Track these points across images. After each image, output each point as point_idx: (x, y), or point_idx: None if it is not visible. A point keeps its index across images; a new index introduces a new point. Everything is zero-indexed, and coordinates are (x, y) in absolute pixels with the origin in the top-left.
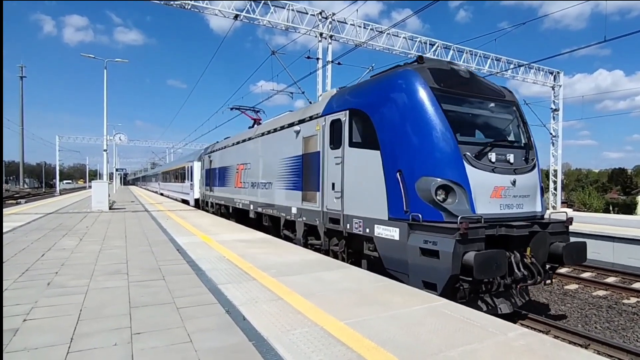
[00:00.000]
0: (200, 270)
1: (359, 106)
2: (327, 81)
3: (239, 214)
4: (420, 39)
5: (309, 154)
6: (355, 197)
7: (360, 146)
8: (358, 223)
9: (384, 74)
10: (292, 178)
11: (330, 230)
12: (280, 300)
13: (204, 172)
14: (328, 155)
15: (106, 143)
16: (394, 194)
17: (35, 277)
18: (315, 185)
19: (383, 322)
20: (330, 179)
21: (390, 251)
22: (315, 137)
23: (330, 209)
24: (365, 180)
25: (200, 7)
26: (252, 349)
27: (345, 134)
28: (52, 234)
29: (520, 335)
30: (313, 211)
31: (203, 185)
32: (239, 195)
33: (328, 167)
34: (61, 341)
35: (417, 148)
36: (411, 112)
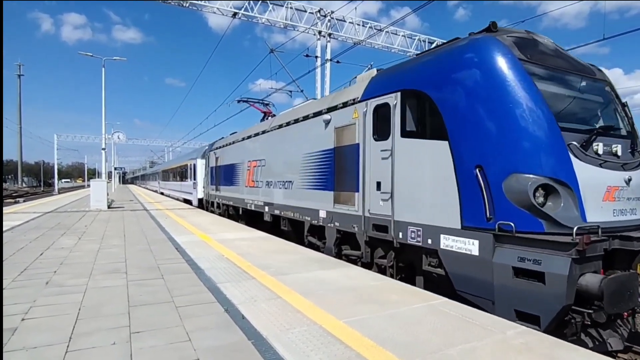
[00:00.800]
0: (199, 269)
1: (417, 86)
2: (326, 79)
3: (250, 217)
4: (419, 37)
5: (344, 147)
6: (410, 199)
7: (417, 136)
8: (415, 232)
9: (451, 45)
10: (321, 176)
11: (374, 239)
12: (279, 299)
13: (209, 170)
14: (371, 148)
15: (105, 142)
16: (471, 196)
17: (33, 276)
18: (352, 185)
19: (382, 320)
20: (374, 176)
21: (465, 269)
22: (352, 126)
23: (374, 213)
24: (426, 179)
25: (199, 4)
26: (251, 347)
27: (395, 121)
28: (50, 233)
29: (519, 333)
30: (349, 215)
31: (208, 184)
32: (251, 195)
33: (371, 163)
34: (60, 340)
35: (506, 137)
36: (496, 91)
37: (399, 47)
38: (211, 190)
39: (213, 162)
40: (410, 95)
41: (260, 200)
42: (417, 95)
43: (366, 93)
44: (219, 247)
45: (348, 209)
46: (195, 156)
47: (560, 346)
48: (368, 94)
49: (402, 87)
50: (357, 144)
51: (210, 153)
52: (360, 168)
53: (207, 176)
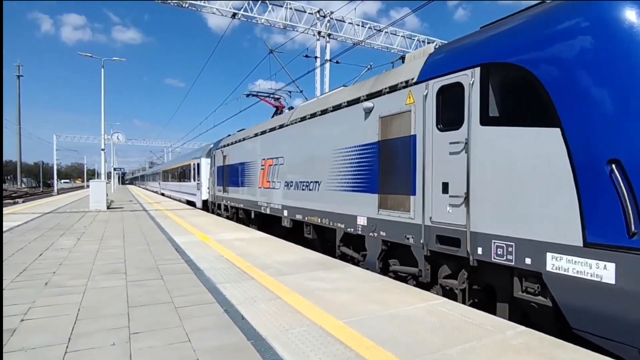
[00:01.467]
0: (199, 270)
1: (508, 58)
2: (326, 80)
3: (264, 221)
4: (419, 37)
5: (393, 140)
6: (496, 204)
7: (507, 122)
8: (504, 248)
9: (562, 4)
10: (359, 176)
11: (438, 254)
12: (278, 299)
13: (215, 169)
14: (434, 141)
15: (104, 142)
16: (600, 202)
17: (33, 276)
18: (405, 186)
19: (382, 321)
20: (439, 176)
21: (589, 302)
22: (404, 115)
23: (438, 221)
24: (523, 178)
25: (198, 5)
26: (251, 348)
27: (472, 105)
28: (49, 233)
29: (519, 333)
30: (401, 224)
31: (214, 185)
32: (266, 197)
33: (434, 159)
34: (59, 341)
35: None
36: None
37: (398, 47)
38: (217, 191)
39: (220, 161)
40: (497, 70)
41: (277, 203)
42: (507, 70)
43: (425, 72)
44: (218, 247)
45: (399, 216)
46: (199, 155)
47: (560, 346)
48: (428, 73)
49: (483, 60)
50: (412, 136)
51: (216, 151)
52: (417, 165)
53: (213, 176)
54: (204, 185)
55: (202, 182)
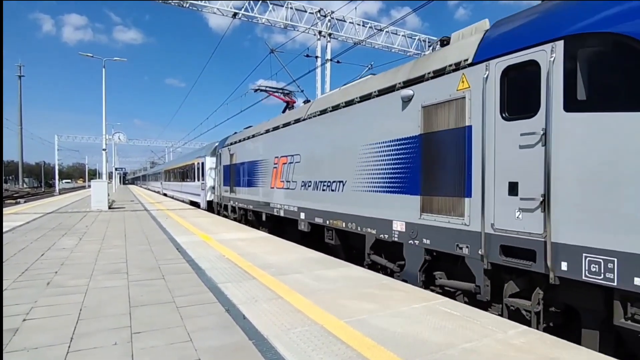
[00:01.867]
0: (200, 269)
1: (606, 26)
2: (326, 79)
3: (276, 224)
4: (420, 36)
5: (440, 132)
6: (591, 209)
7: (605, 107)
8: (602, 263)
9: None
10: (395, 174)
11: (502, 267)
12: (280, 299)
13: (220, 168)
14: (497, 132)
15: (105, 142)
16: None
17: (34, 276)
18: (457, 186)
19: (383, 320)
20: (505, 174)
21: None
22: (456, 102)
23: (504, 229)
24: (633, 176)
25: (199, 5)
26: (252, 347)
27: (553, 87)
28: (51, 233)
29: (521, 333)
30: (452, 231)
31: (220, 184)
32: (279, 198)
33: (497, 154)
34: (61, 341)
35: None
36: None
37: (399, 47)
38: (224, 191)
39: (226, 159)
40: (589, 43)
41: (293, 205)
42: (604, 43)
43: (484, 51)
44: (219, 247)
45: (449, 221)
46: (203, 154)
47: (562, 346)
48: (488, 51)
49: (568, 31)
50: (466, 128)
51: (222, 150)
52: (473, 162)
53: (219, 176)
54: (209, 185)
55: (206, 182)
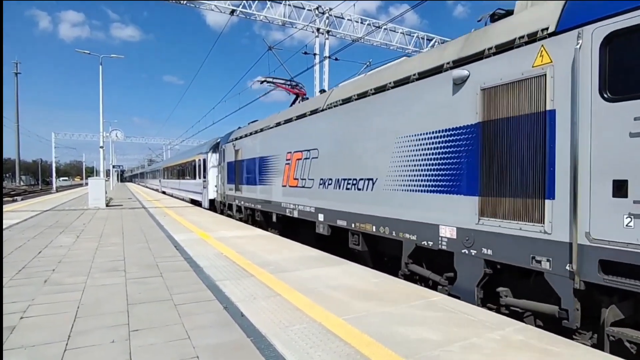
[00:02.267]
0: (198, 267)
1: None
2: (325, 77)
3: (289, 225)
4: (418, 34)
5: (508, 119)
6: None
7: None
8: None
9: None
10: (444, 170)
11: (601, 288)
12: (278, 296)
13: (224, 165)
14: (595, 117)
15: (103, 139)
16: None
17: (32, 274)
18: (534, 185)
19: (381, 317)
20: (608, 170)
21: None
22: (532, 82)
23: (606, 239)
24: None
25: (196, 2)
26: (251, 345)
27: None
28: (48, 231)
29: (519, 330)
30: (526, 240)
31: (224, 182)
32: (293, 197)
33: (595, 144)
34: (58, 338)
35: None
36: None
37: (397, 44)
38: (229, 190)
39: (231, 155)
40: None
41: (309, 205)
42: None
43: (573, 15)
44: (218, 245)
45: (521, 228)
46: (204, 150)
47: (559, 342)
48: (579, 15)
49: None
50: (547, 112)
51: (226, 145)
52: (558, 155)
53: (222, 173)
54: (211, 183)
55: (208, 179)
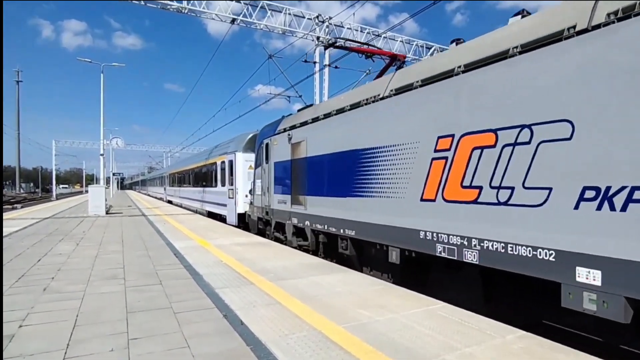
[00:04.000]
0: (198, 275)
1: None
2: (325, 85)
3: (415, 266)
4: (417, 42)
5: None
6: None
7: None
8: None
9: None
10: None
11: None
12: (278, 304)
13: (268, 167)
14: None
15: (103, 147)
16: None
17: (31, 282)
18: None
19: (381, 325)
20: None
21: None
22: None
23: None
24: None
25: (197, 11)
26: (250, 353)
27: None
28: (48, 239)
29: (519, 338)
30: None
31: (267, 191)
32: (462, 224)
33: None
34: (57, 347)
35: None
36: None
37: (397, 52)
38: (278, 202)
39: (282, 152)
40: None
41: (521, 244)
42: None
43: None
44: (217, 252)
45: None
46: (231, 149)
47: (560, 350)
48: None
49: None
50: None
51: (272, 139)
52: None
53: (264, 178)
54: (241, 192)
55: (237, 187)
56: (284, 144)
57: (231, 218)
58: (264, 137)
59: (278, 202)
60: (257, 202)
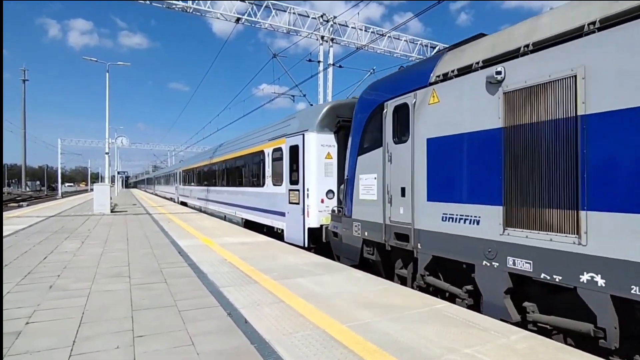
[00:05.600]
0: (202, 273)
1: None
2: (329, 84)
3: None
4: (422, 41)
5: None
6: None
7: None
8: None
9: None
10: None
11: None
12: (281, 303)
13: (398, 151)
14: None
15: (108, 146)
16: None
17: (37, 280)
18: None
19: (385, 324)
20: None
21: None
22: None
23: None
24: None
25: (202, 10)
26: (254, 351)
27: None
28: (54, 237)
29: (523, 338)
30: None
31: (399, 194)
32: None
33: None
34: (63, 344)
35: None
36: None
37: (401, 51)
38: (439, 219)
39: (453, 119)
40: None
41: None
42: None
43: None
44: (221, 251)
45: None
46: (296, 128)
47: (565, 351)
48: None
49: None
50: None
51: (408, 99)
52: None
53: (387, 171)
54: (314, 194)
55: (308, 186)
56: (470, 99)
57: (294, 233)
58: (380, 99)
59: (444, 219)
60: (361, 213)
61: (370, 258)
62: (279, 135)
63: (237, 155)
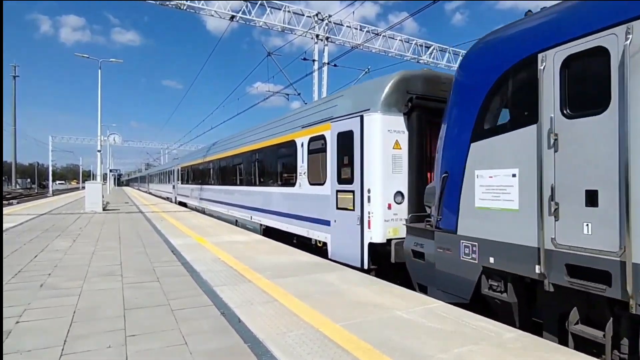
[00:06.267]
0: (195, 272)
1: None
2: (323, 83)
3: None
4: (416, 41)
5: None
6: None
7: None
8: None
9: None
10: None
11: None
12: (275, 302)
13: (595, 124)
14: None
15: (100, 143)
16: None
17: (27, 278)
18: None
19: (379, 324)
20: None
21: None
22: None
23: None
24: None
25: (196, 7)
26: (248, 351)
27: None
28: (45, 235)
29: (516, 337)
30: None
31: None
32: None
33: None
34: (54, 343)
35: None
36: None
37: (396, 51)
38: None
39: None
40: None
41: None
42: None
43: None
44: (215, 249)
45: None
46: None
47: (557, 350)
48: None
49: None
50: None
51: None
52: None
53: (542, 157)
54: (379, 198)
55: (369, 186)
56: None
57: (345, 249)
58: (527, 49)
59: None
60: (480, 228)
61: (497, 297)
62: (318, 120)
63: (254, 148)
